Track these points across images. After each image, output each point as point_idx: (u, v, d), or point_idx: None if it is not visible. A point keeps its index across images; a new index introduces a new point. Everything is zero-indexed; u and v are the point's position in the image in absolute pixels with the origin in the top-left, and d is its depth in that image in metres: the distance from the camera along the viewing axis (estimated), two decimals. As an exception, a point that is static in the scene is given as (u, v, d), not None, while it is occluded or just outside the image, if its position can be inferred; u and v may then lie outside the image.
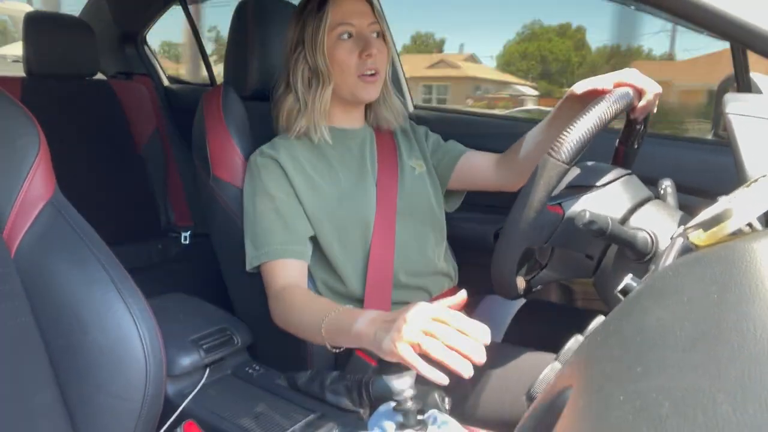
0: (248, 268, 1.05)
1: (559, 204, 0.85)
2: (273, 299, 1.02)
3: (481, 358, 0.69)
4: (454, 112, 1.94)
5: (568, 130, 0.75)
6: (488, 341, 0.71)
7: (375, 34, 1.09)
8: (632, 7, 0.97)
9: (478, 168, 1.21)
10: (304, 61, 1.08)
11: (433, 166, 1.24)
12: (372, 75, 1.08)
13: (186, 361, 0.98)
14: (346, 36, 1.06)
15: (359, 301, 1.07)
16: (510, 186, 1.18)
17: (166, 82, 2.42)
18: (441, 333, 0.70)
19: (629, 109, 0.86)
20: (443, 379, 0.70)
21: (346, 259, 1.08)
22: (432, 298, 1.15)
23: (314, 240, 1.08)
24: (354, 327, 0.81)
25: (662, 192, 0.91)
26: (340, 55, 1.06)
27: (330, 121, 1.13)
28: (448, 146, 1.26)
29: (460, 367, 0.68)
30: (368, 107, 1.19)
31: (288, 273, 1.03)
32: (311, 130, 1.09)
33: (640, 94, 0.86)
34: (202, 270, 1.59)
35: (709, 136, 1.43)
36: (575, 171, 0.91)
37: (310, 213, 1.06)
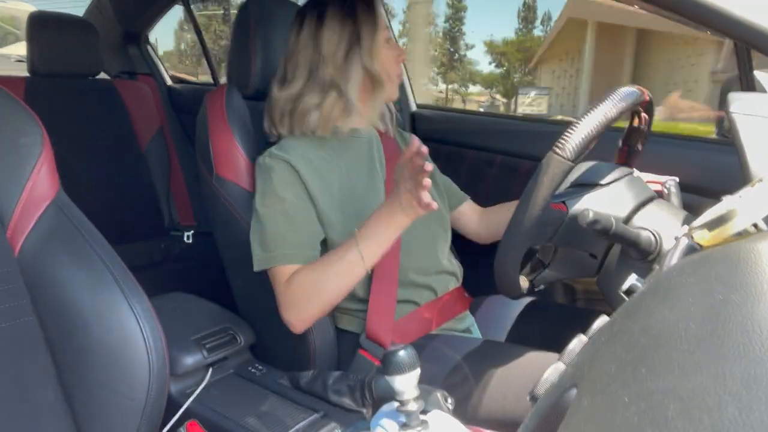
0: (256, 269, 1.04)
1: (563, 202, 0.85)
2: (283, 295, 1.01)
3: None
4: (456, 112, 1.94)
5: (573, 127, 0.75)
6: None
7: None
8: (635, 7, 0.96)
9: (467, 217, 1.34)
10: (359, 64, 1.07)
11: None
12: (398, 77, 1.13)
13: (189, 360, 0.98)
14: (386, 41, 1.11)
15: (364, 301, 1.07)
16: (481, 239, 1.34)
17: (169, 82, 2.43)
18: (422, 180, 0.86)
19: (634, 107, 0.86)
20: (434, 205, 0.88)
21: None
22: (437, 298, 1.15)
23: (323, 241, 1.08)
24: (382, 230, 0.96)
25: (666, 191, 0.91)
26: (388, 58, 1.10)
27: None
28: (450, 187, 1.34)
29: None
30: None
31: None
32: (342, 131, 1.10)
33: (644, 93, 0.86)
34: (204, 269, 1.59)
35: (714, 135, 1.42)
36: (579, 169, 0.91)
37: (321, 212, 1.06)
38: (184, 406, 0.93)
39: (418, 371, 0.62)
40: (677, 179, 0.98)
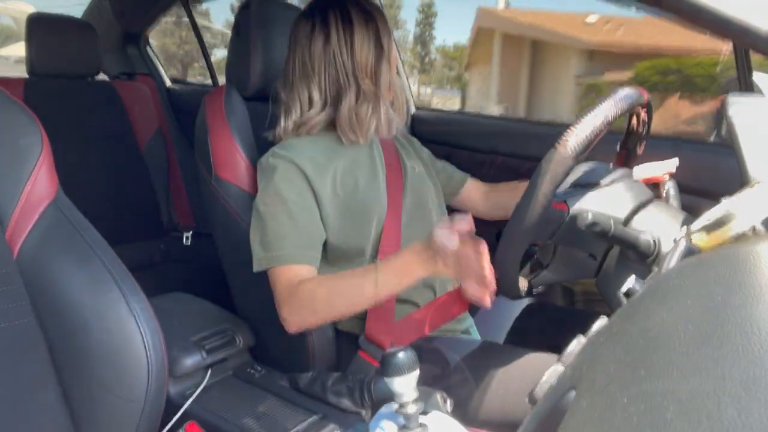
0: (256, 269, 1.04)
1: (564, 201, 0.85)
2: (286, 298, 1.00)
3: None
4: (455, 113, 1.95)
5: (576, 125, 0.75)
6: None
7: None
8: (633, 8, 0.97)
9: (473, 198, 1.34)
10: (387, 70, 1.09)
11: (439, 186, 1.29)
12: None
13: (188, 361, 0.98)
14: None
15: None
16: (489, 217, 1.33)
17: (168, 83, 2.43)
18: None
19: (634, 108, 0.86)
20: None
21: (357, 256, 1.08)
22: (437, 299, 1.15)
23: (325, 241, 1.08)
24: (404, 271, 0.94)
25: (665, 193, 0.91)
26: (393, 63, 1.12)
27: None
28: (449, 171, 1.34)
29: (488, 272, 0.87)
30: None
31: (298, 277, 1.02)
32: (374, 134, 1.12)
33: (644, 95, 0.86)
34: (204, 270, 1.59)
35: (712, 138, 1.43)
36: (579, 170, 0.91)
37: (325, 212, 1.05)
38: (183, 408, 0.93)
39: (417, 373, 0.62)
40: (676, 162, 0.98)
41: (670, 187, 0.92)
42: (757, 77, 1.18)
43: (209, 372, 1.00)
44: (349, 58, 1.05)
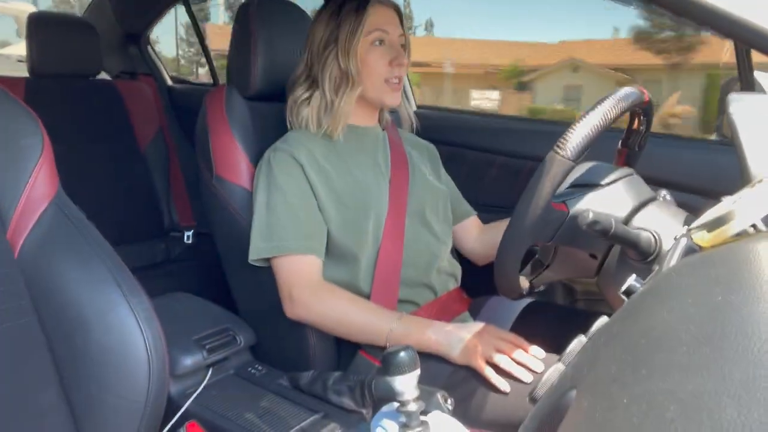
0: (254, 257, 1.05)
1: (564, 202, 0.85)
2: (305, 292, 1.03)
3: (539, 368, 0.92)
4: (457, 112, 1.94)
5: (574, 127, 0.75)
6: (541, 368, 0.92)
7: (401, 45, 1.13)
8: (633, 6, 0.96)
9: (468, 233, 1.32)
10: (334, 61, 1.09)
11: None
12: (397, 83, 1.12)
13: (189, 361, 0.98)
14: (378, 43, 1.10)
15: (365, 297, 1.07)
16: (476, 257, 1.32)
17: (169, 82, 2.43)
18: (509, 350, 0.93)
19: (634, 108, 0.85)
20: (506, 386, 0.92)
21: (357, 254, 1.08)
22: (437, 298, 1.15)
23: (328, 234, 1.09)
24: (424, 335, 0.98)
25: (661, 202, 0.91)
26: (371, 60, 1.10)
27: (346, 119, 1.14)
28: (460, 200, 1.33)
29: (523, 375, 0.92)
30: (381, 109, 1.22)
31: (307, 269, 1.04)
32: (334, 129, 1.11)
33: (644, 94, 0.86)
34: (205, 269, 1.59)
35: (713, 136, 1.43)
36: (580, 169, 0.91)
37: (324, 207, 1.07)
38: (184, 407, 0.93)
39: (418, 372, 0.62)
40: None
41: (665, 195, 0.92)
42: (758, 76, 1.18)
43: (210, 371, 1.00)
44: (307, 48, 1.14)
